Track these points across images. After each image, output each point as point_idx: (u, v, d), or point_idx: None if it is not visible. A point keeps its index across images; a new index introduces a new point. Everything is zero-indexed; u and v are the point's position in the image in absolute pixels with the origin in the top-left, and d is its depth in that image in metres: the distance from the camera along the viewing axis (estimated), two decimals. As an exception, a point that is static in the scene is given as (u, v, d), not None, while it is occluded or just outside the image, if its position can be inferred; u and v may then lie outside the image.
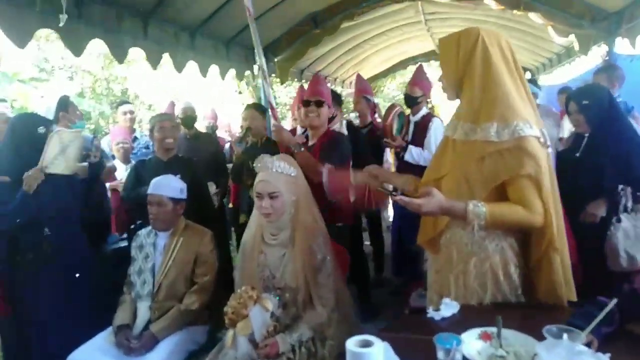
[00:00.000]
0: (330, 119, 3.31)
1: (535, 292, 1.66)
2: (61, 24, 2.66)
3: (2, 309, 2.57)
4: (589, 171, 2.41)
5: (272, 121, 2.99)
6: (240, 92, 14.88)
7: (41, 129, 2.56)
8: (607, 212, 2.33)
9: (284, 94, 14.73)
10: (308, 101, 2.91)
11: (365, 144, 3.85)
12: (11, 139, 2.59)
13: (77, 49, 3.13)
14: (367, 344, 1.24)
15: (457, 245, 1.69)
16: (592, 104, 2.46)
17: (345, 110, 9.21)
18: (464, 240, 1.66)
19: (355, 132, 3.83)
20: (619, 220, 2.29)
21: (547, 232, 1.58)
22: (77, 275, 2.63)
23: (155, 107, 14.95)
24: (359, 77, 4.80)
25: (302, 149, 2.73)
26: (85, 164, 2.95)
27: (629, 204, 2.27)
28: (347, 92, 8.71)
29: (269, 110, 3.18)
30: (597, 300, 1.44)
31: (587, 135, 2.55)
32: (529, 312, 1.60)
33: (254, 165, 2.08)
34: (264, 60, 3.03)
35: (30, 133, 2.55)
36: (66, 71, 13.54)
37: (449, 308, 1.58)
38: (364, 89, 4.48)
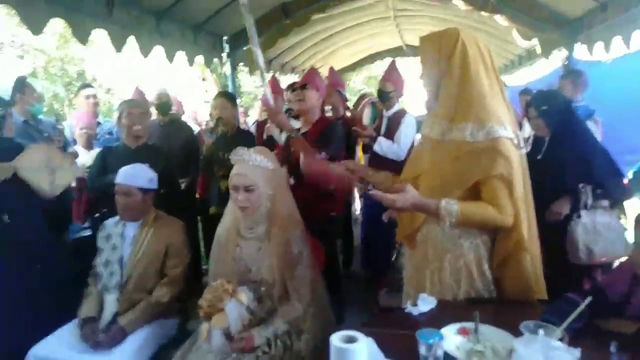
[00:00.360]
0: None
1: (503, 290, 1.71)
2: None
3: None
4: (550, 172, 2.51)
5: (271, 102, 2.90)
6: (204, 79, 14.57)
7: None
8: (571, 209, 2.46)
9: (250, 82, 14.54)
10: (292, 86, 2.88)
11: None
12: None
13: (35, 28, 2.94)
14: (351, 340, 1.24)
15: (432, 242, 1.73)
16: (550, 109, 2.60)
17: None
18: (439, 237, 1.70)
19: None
20: (579, 216, 2.41)
21: (514, 232, 1.63)
22: (39, 265, 2.50)
23: (114, 91, 14.42)
24: (331, 70, 4.79)
25: (299, 132, 2.75)
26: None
27: (589, 201, 2.40)
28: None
29: (266, 91, 3.03)
30: (567, 296, 1.51)
31: (547, 138, 2.68)
32: (503, 308, 1.66)
33: (230, 157, 2.04)
34: (261, 57, 2.83)
35: None
36: (16, 49, 12.81)
37: (426, 303, 1.61)
38: (337, 82, 4.49)
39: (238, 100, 5.54)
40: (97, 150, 3.48)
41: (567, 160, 2.50)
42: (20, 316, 2.34)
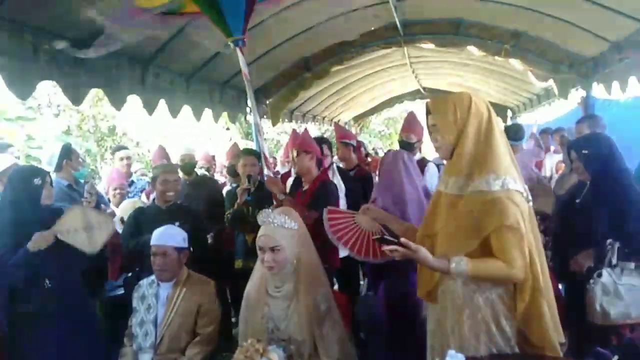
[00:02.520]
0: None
1: (529, 340, 1.72)
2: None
3: None
4: (585, 220, 2.46)
5: (266, 171, 3.14)
6: (228, 129, 15.03)
7: (37, 181, 2.60)
8: (595, 263, 2.36)
9: (272, 130, 14.92)
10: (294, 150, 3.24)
11: (354, 184, 3.96)
12: (9, 191, 2.63)
13: (76, 99, 3.19)
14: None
15: (451, 296, 1.78)
16: (591, 153, 2.51)
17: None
18: (457, 292, 1.75)
19: (344, 174, 3.97)
20: (599, 275, 2.30)
21: (530, 282, 1.67)
22: (81, 326, 2.61)
23: (142, 144, 14.99)
24: (335, 125, 4.94)
25: (285, 197, 3.03)
26: None
27: (614, 260, 2.28)
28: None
29: (262, 160, 3.32)
30: (597, 351, 1.51)
31: (588, 183, 2.59)
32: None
33: (257, 218, 2.13)
34: (258, 116, 3.28)
35: (26, 185, 2.59)
36: (52, 108, 13.55)
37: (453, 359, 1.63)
38: (342, 135, 4.52)
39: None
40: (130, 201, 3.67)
41: (600, 209, 2.41)
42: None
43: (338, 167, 4.11)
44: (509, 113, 9.22)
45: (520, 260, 1.63)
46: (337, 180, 3.72)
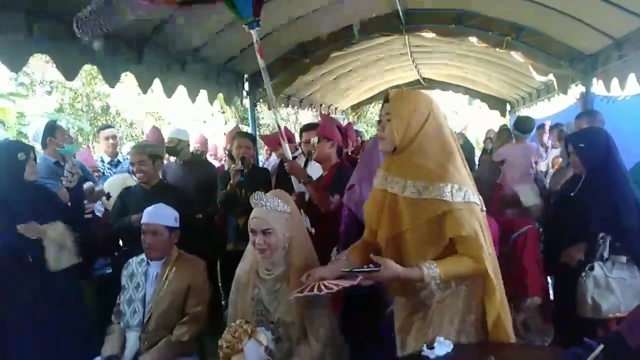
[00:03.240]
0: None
1: (488, 333, 1.76)
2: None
3: None
4: (580, 213, 2.46)
5: (288, 154, 3.08)
6: (223, 112, 14.93)
7: (21, 156, 2.56)
8: (586, 257, 2.36)
9: (268, 116, 14.84)
10: (308, 127, 3.30)
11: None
12: None
13: (70, 74, 3.13)
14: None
15: (417, 293, 1.80)
16: (587, 146, 2.51)
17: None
18: (422, 289, 1.77)
19: None
20: (591, 269, 2.31)
21: (487, 278, 1.72)
22: (64, 302, 2.59)
23: (136, 125, 14.88)
24: (322, 116, 4.74)
25: (309, 182, 2.97)
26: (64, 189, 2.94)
27: (605, 254, 2.29)
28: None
29: (282, 144, 3.23)
30: (584, 342, 1.51)
31: (583, 176, 2.59)
32: (517, 352, 1.66)
33: (250, 201, 2.11)
34: (274, 99, 3.23)
35: (9, 160, 2.56)
36: (45, 86, 13.39)
37: (442, 347, 1.63)
38: (323, 128, 3.89)
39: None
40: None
41: (595, 203, 2.41)
42: (46, 353, 2.41)
43: None
44: (508, 107, 9.22)
45: (482, 256, 1.67)
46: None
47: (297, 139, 4.78)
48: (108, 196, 3.55)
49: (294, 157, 3.64)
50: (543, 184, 4.01)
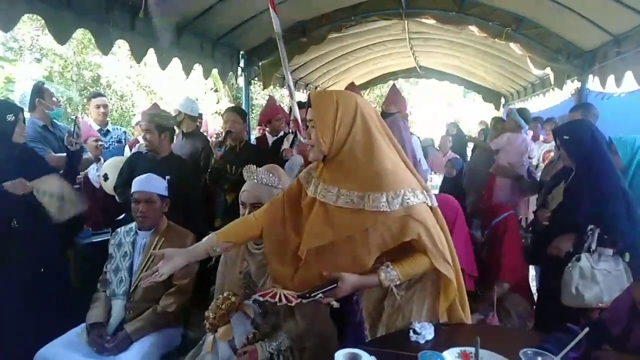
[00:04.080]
0: None
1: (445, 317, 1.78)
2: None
3: None
4: (569, 204, 2.49)
5: (300, 138, 3.06)
6: (216, 90, 14.77)
7: (10, 117, 2.51)
8: (574, 248, 2.39)
9: (261, 97, 14.72)
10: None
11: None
12: None
13: (62, 38, 3.05)
14: (355, 358, 1.28)
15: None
16: (572, 138, 2.53)
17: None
18: None
19: None
20: (578, 259, 2.33)
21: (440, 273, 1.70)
22: (43, 269, 2.57)
23: (127, 98, 14.65)
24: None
25: None
26: (63, 154, 2.89)
27: (593, 246, 2.30)
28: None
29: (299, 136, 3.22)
30: (567, 327, 1.54)
31: (574, 169, 2.59)
32: (502, 334, 1.69)
33: (243, 173, 2.10)
34: (291, 80, 3.11)
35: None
36: (35, 53, 13.10)
37: (427, 330, 1.64)
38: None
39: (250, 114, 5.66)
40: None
41: (583, 196, 2.42)
42: (27, 319, 2.39)
43: None
44: (502, 100, 9.24)
45: (435, 251, 1.63)
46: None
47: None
48: (105, 177, 3.50)
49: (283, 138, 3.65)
50: (534, 177, 4.04)
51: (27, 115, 3.24)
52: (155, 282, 1.67)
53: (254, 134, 6.71)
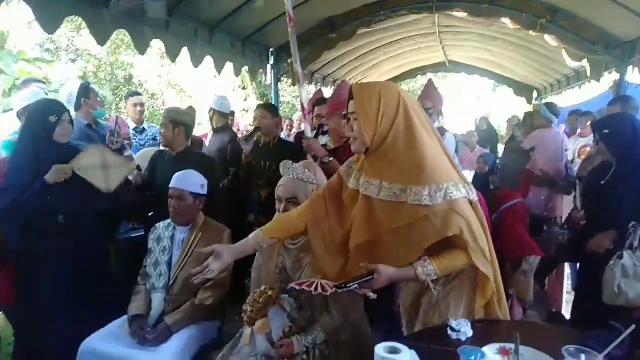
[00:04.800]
0: None
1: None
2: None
3: (9, 298, 2.58)
4: (610, 201, 2.44)
5: (308, 130, 3.08)
6: (244, 88, 14.92)
7: (52, 118, 2.59)
8: (615, 245, 2.34)
9: (288, 94, 14.79)
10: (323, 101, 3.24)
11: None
12: (27, 125, 2.65)
13: (102, 38, 3.15)
14: (394, 351, 1.29)
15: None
16: (612, 132, 2.47)
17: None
18: None
19: None
20: (620, 257, 2.27)
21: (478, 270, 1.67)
22: (90, 264, 2.66)
23: (157, 97, 14.97)
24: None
25: (331, 159, 2.92)
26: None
27: (635, 243, 2.24)
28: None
29: (304, 121, 3.24)
30: (611, 324, 1.51)
31: (614, 164, 2.54)
32: (542, 331, 1.66)
33: (280, 169, 2.13)
34: (300, 68, 3.19)
35: (42, 121, 2.60)
36: (70, 54, 13.53)
37: (466, 327, 1.63)
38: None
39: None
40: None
41: (625, 192, 2.37)
42: (73, 311, 2.50)
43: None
44: (535, 94, 9.01)
45: (476, 247, 1.61)
46: None
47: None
48: (138, 168, 3.60)
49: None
50: (571, 173, 3.94)
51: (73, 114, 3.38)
52: (206, 278, 1.71)
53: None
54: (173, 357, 2.22)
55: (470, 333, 1.60)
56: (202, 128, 7.61)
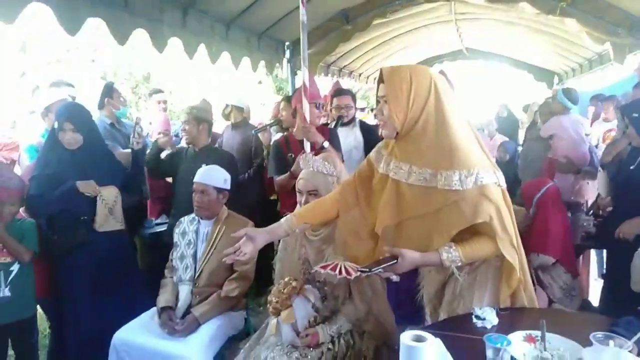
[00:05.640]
0: None
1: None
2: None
3: (44, 291, 2.66)
4: (638, 186, 2.40)
5: (308, 117, 3.06)
6: (260, 82, 14.97)
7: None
8: None
9: (305, 86, 14.75)
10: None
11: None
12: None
13: (121, 38, 3.20)
14: (420, 339, 1.31)
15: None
16: None
17: (369, 105, 9.30)
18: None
19: (368, 130, 3.70)
20: None
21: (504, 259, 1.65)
22: (117, 258, 2.73)
23: (174, 93, 15.12)
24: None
25: (328, 145, 2.91)
26: (129, 150, 3.05)
27: None
28: (368, 87, 8.74)
29: (304, 104, 3.22)
30: (639, 311, 1.50)
31: None
32: (568, 318, 1.66)
33: (300, 162, 2.16)
34: (306, 60, 3.25)
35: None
36: (90, 53, 13.73)
37: (490, 315, 1.62)
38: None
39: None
40: None
41: None
42: (104, 304, 2.58)
43: (363, 122, 3.90)
44: (556, 79, 8.82)
45: (502, 234, 1.60)
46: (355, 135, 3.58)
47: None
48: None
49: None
50: (595, 156, 3.86)
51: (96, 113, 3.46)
52: (240, 260, 1.75)
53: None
54: (202, 347, 2.29)
55: (495, 321, 1.59)
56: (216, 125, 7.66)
